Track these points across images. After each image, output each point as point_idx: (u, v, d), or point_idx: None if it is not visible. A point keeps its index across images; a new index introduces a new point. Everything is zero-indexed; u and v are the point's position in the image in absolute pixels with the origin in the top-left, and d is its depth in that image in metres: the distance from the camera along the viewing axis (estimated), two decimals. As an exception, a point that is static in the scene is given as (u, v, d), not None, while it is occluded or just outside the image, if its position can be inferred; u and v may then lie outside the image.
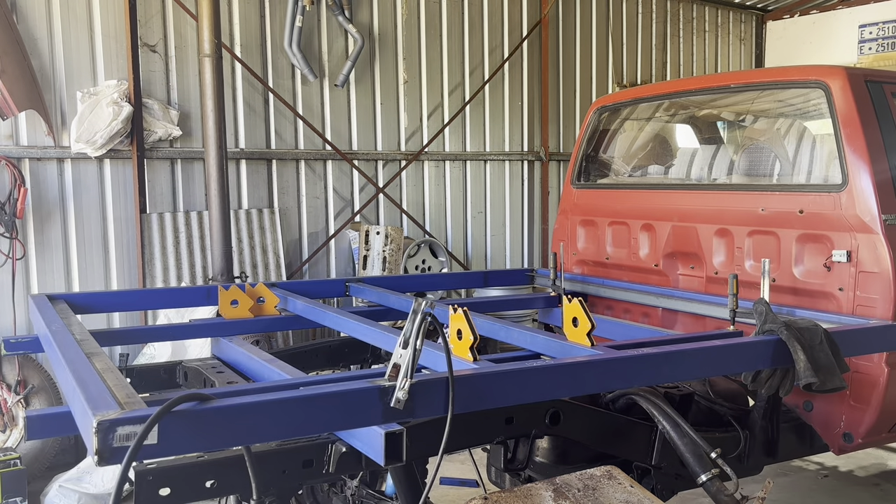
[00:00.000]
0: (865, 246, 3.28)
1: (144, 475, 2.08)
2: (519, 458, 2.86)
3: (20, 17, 5.35)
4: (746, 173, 4.33)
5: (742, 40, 10.27)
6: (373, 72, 7.05)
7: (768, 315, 2.82)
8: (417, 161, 7.31)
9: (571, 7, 8.46)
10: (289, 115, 6.57)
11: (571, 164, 4.90)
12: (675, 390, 3.01)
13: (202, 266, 6.06)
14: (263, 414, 1.82)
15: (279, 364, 2.85)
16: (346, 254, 6.94)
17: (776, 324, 2.75)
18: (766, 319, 2.82)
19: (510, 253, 8.09)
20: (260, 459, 2.21)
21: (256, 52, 6.42)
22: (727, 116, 4.78)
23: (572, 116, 8.52)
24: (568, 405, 2.68)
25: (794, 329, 2.69)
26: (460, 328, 2.29)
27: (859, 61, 9.19)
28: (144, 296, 4.49)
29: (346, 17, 6.71)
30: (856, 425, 3.23)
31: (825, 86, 3.48)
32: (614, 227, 4.55)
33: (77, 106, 5.53)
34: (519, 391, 2.19)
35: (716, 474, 2.60)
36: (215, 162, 5.55)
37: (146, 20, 5.86)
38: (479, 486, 3.38)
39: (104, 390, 1.90)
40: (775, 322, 2.76)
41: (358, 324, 3.17)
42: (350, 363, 4.00)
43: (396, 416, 1.97)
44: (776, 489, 3.48)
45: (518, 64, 8.01)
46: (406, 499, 2.50)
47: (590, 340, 2.53)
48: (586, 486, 2.12)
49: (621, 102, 4.88)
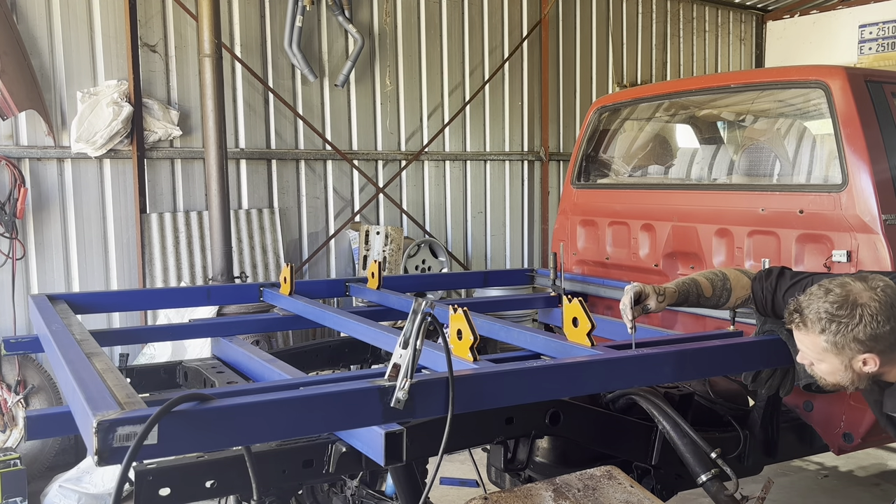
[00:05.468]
0: (865, 246, 3.28)
1: (144, 475, 2.08)
2: (519, 458, 2.86)
3: (20, 17, 5.35)
4: (746, 173, 4.33)
5: (742, 40, 10.27)
6: (373, 72, 7.05)
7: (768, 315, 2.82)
8: (417, 161, 7.31)
9: (571, 7, 8.46)
10: (289, 115, 6.57)
11: (571, 164, 4.90)
12: (675, 390, 3.00)
13: (202, 266, 6.06)
14: (263, 414, 1.82)
15: (279, 364, 2.85)
16: (346, 254, 6.94)
17: (776, 324, 2.75)
18: (766, 319, 2.82)
19: (510, 253, 8.09)
20: (260, 459, 2.21)
21: (256, 52, 6.42)
22: (727, 116, 4.78)
23: (572, 116, 8.52)
24: (568, 405, 2.68)
25: (795, 329, 2.69)
26: (460, 328, 2.29)
27: (859, 61, 9.19)
28: (144, 296, 4.50)
29: (346, 17, 6.71)
30: (856, 425, 3.23)
31: (825, 86, 3.47)
32: (614, 227, 4.55)
33: (77, 106, 5.53)
34: (519, 391, 2.19)
35: (716, 474, 2.60)
36: (215, 162, 5.55)
37: (146, 20, 5.86)
38: (479, 486, 3.38)
39: (104, 390, 1.90)
40: (775, 322, 2.76)
41: (358, 324, 3.17)
42: (350, 363, 4.00)
43: (396, 416, 1.96)
44: (776, 489, 3.47)
45: (518, 64, 8.01)
46: (406, 499, 2.50)
47: (590, 340, 2.53)
48: (586, 486, 2.12)
49: (621, 102, 4.88)
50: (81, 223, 5.65)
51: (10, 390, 5.12)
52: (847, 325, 2.10)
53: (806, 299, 2.20)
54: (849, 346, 2.12)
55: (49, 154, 5.48)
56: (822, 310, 2.14)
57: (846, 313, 2.11)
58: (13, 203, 5.25)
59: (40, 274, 5.49)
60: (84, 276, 5.66)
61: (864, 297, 2.11)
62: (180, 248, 6.00)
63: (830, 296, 2.14)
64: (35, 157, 5.44)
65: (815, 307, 2.16)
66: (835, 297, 2.13)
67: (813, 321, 2.16)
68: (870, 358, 2.13)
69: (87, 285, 5.64)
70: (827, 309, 2.13)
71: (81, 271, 5.66)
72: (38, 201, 5.48)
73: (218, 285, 5.25)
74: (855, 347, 2.12)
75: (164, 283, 5.88)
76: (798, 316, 2.20)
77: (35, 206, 5.46)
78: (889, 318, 2.09)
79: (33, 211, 5.45)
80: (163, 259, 5.93)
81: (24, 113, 5.29)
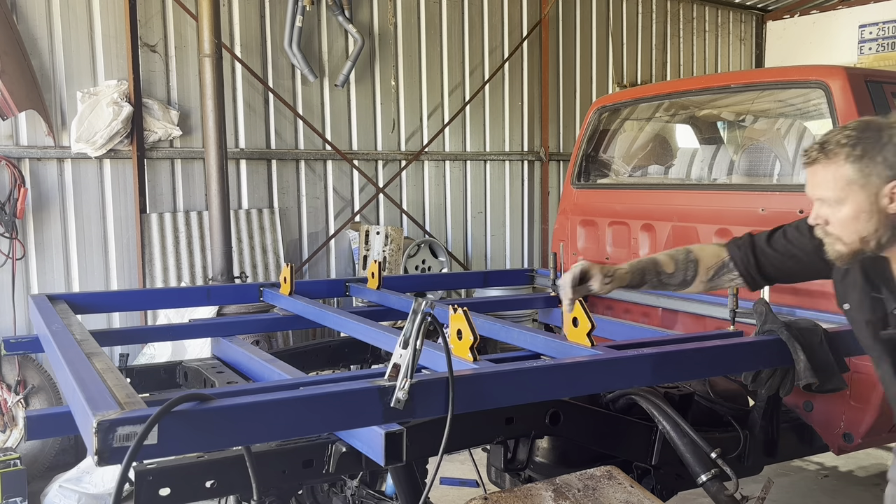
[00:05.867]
0: (865, 246, 3.27)
1: (144, 475, 2.08)
2: (519, 458, 2.85)
3: (20, 17, 5.35)
4: (746, 173, 4.33)
5: (742, 40, 10.27)
6: (373, 72, 7.05)
7: (768, 315, 2.82)
8: (417, 161, 7.31)
9: (571, 7, 8.46)
10: (289, 115, 6.57)
11: (571, 164, 4.89)
12: (675, 390, 3.00)
13: (202, 266, 6.06)
14: (263, 414, 1.82)
15: (279, 364, 2.84)
16: (346, 254, 6.94)
17: (776, 324, 2.75)
18: (766, 319, 2.81)
19: (510, 253, 8.09)
20: (260, 459, 2.21)
21: (256, 52, 6.42)
22: (727, 116, 4.78)
23: (572, 116, 8.52)
24: (568, 405, 2.68)
25: (794, 329, 2.69)
26: (460, 328, 2.29)
27: (859, 61, 9.19)
28: (144, 296, 4.49)
29: (346, 17, 6.72)
30: (856, 425, 3.23)
31: (825, 86, 3.47)
32: (614, 227, 4.55)
33: (77, 106, 5.53)
34: (519, 391, 2.19)
35: (716, 474, 2.60)
36: (215, 162, 5.55)
37: (146, 20, 5.86)
38: (479, 486, 3.38)
39: (104, 390, 1.90)
40: (775, 322, 2.76)
41: (358, 324, 3.16)
42: (350, 363, 3.99)
43: (396, 416, 1.96)
44: (776, 489, 3.47)
45: (518, 64, 8.01)
46: (406, 499, 2.49)
47: (590, 340, 2.53)
48: (586, 486, 2.12)
49: (621, 102, 4.88)
50: (81, 223, 5.66)
51: (10, 390, 5.12)
52: (875, 144, 1.95)
53: (825, 134, 2.04)
54: (877, 171, 1.95)
55: (49, 154, 5.48)
56: (846, 135, 1.98)
57: (872, 134, 1.96)
58: (13, 203, 5.25)
59: (40, 274, 5.49)
60: (84, 277, 5.66)
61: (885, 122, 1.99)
62: (180, 248, 6.00)
63: (851, 124, 2.02)
64: (35, 157, 5.44)
65: (838, 135, 2.01)
66: (857, 124, 2.01)
67: (837, 148, 1.99)
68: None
69: (87, 285, 5.64)
70: (850, 134, 1.98)
71: (81, 271, 5.66)
72: (38, 201, 5.48)
73: (218, 285, 5.25)
74: (884, 174, 1.95)
75: (164, 283, 5.88)
76: (818, 148, 2.03)
77: (35, 206, 5.46)
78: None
79: (33, 211, 5.45)
80: (163, 259, 5.93)
81: (24, 113, 5.29)
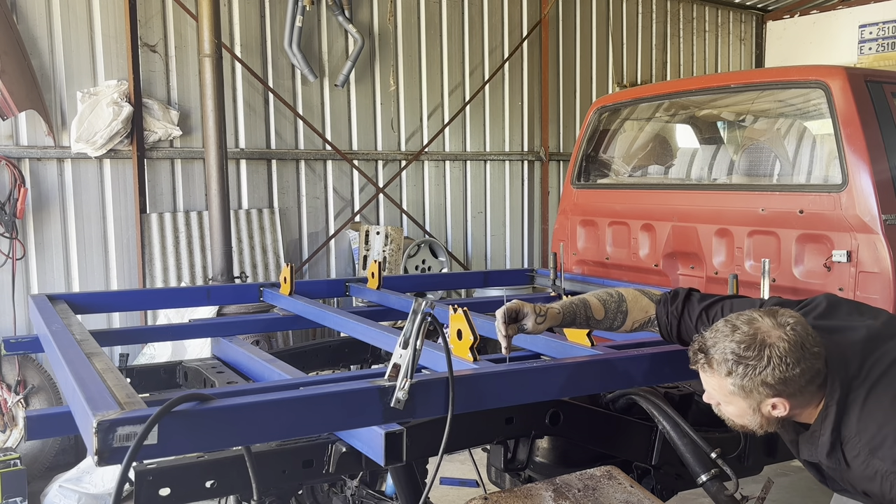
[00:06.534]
0: (865, 246, 3.28)
1: (144, 475, 2.08)
2: (519, 458, 2.85)
3: (20, 17, 5.35)
4: (746, 173, 4.33)
5: (742, 40, 10.27)
6: (373, 72, 7.05)
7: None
8: (417, 161, 7.31)
9: (571, 7, 8.46)
10: (289, 115, 6.57)
11: (571, 164, 4.90)
12: (675, 390, 3.00)
13: (202, 266, 6.06)
14: (263, 414, 1.82)
15: (279, 364, 2.84)
16: (346, 254, 6.94)
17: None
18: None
19: (510, 253, 8.09)
20: (260, 459, 2.21)
21: (256, 52, 6.42)
22: (727, 116, 4.78)
23: (572, 116, 8.53)
24: (568, 405, 2.67)
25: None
26: (460, 328, 2.29)
27: (859, 61, 9.19)
28: (144, 296, 4.49)
29: (346, 17, 6.72)
30: (856, 425, 3.22)
31: (825, 86, 3.47)
32: (614, 227, 4.55)
33: (77, 106, 5.53)
34: (519, 391, 2.19)
35: (716, 474, 2.60)
36: (215, 162, 5.55)
37: (146, 20, 5.86)
38: (479, 486, 3.38)
39: (104, 390, 1.90)
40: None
41: (358, 324, 3.16)
42: (350, 363, 3.99)
43: (396, 416, 1.96)
44: (776, 489, 3.47)
45: (518, 64, 8.01)
46: (406, 499, 2.49)
47: (590, 340, 2.53)
48: (586, 486, 2.12)
49: (621, 102, 4.88)
50: (81, 223, 5.66)
51: (10, 390, 5.12)
52: (755, 367, 1.91)
53: (711, 337, 2.00)
54: (757, 389, 1.94)
55: (49, 154, 5.48)
56: (729, 350, 1.94)
57: (754, 354, 1.91)
58: (13, 203, 5.25)
59: (40, 274, 5.49)
60: (84, 276, 5.66)
61: (772, 336, 1.92)
62: (180, 248, 6.00)
63: (737, 334, 1.95)
64: (35, 157, 5.44)
65: (721, 347, 1.96)
66: (741, 336, 1.94)
67: (719, 363, 1.96)
68: (779, 402, 1.96)
69: (87, 285, 5.64)
70: (733, 349, 1.93)
71: (81, 271, 5.66)
72: (38, 201, 5.48)
73: (218, 285, 5.25)
74: (763, 391, 1.94)
75: (164, 283, 5.88)
76: (703, 356, 2.01)
77: (35, 206, 5.46)
78: (799, 359, 1.90)
79: (33, 211, 5.45)
80: (163, 259, 5.93)
81: (24, 113, 5.29)
